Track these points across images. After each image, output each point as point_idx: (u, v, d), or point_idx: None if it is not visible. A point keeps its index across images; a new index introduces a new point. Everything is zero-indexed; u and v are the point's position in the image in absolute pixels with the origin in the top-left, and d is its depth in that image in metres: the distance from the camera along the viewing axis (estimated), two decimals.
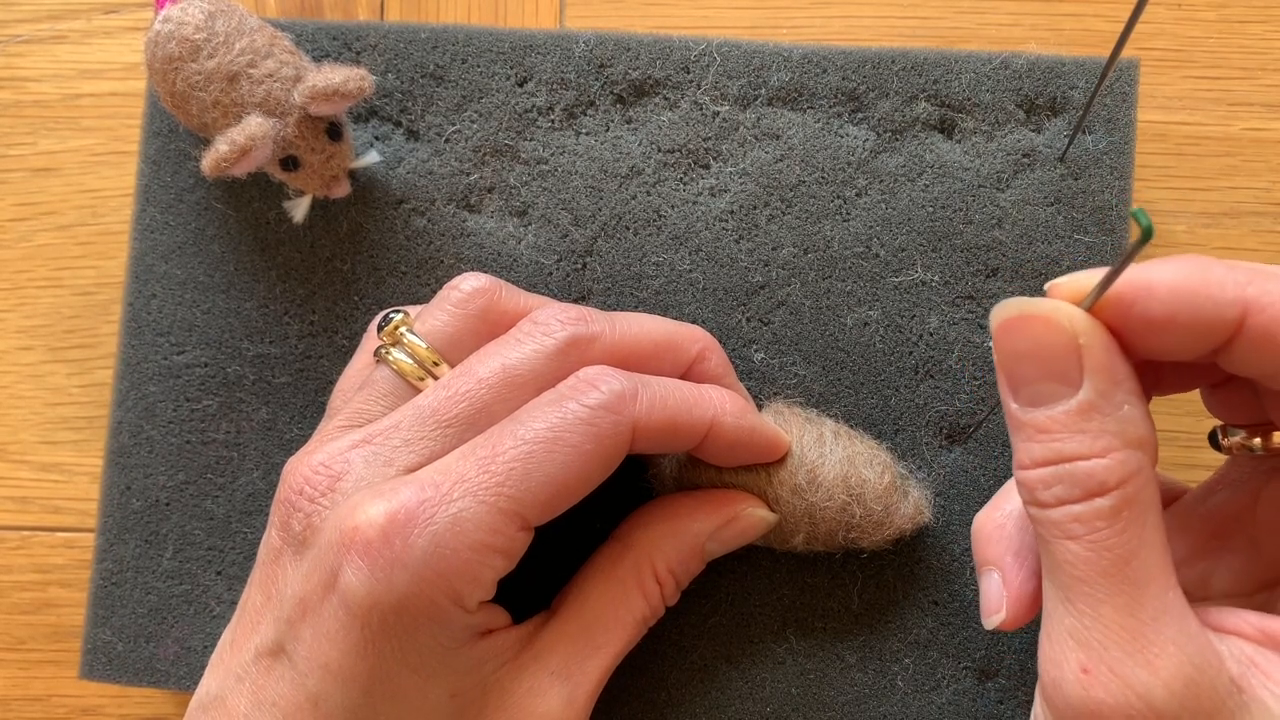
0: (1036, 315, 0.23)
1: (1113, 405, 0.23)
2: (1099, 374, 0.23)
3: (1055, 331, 0.23)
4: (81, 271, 0.40)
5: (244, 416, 0.35)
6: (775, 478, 0.31)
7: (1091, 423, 0.23)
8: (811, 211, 0.35)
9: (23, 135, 0.40)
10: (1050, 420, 0.24)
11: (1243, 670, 0.23)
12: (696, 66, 0.35)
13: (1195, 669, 0.22)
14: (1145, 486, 0.23)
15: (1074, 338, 0.23)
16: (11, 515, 0.39)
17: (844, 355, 0.34)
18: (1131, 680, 0.22)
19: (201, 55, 0.32)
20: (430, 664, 0.27)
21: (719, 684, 0.34)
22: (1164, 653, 0.22)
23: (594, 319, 0.30)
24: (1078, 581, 0.23)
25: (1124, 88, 0.34)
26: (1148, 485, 0.23)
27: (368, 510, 0.26)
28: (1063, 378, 0.23)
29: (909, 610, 0.34)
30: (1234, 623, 0.24)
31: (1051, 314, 0.23)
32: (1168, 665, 0.22)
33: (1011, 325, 0.24)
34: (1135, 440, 0.23)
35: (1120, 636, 0.23)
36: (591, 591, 0.30)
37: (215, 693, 0.28)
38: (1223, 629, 0.24)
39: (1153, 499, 0.23)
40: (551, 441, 0.27)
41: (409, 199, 0.36)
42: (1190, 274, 0.23)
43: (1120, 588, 0.23)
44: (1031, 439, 0.24)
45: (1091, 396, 0.23)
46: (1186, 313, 0.23)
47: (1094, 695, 0.23)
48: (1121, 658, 0.23)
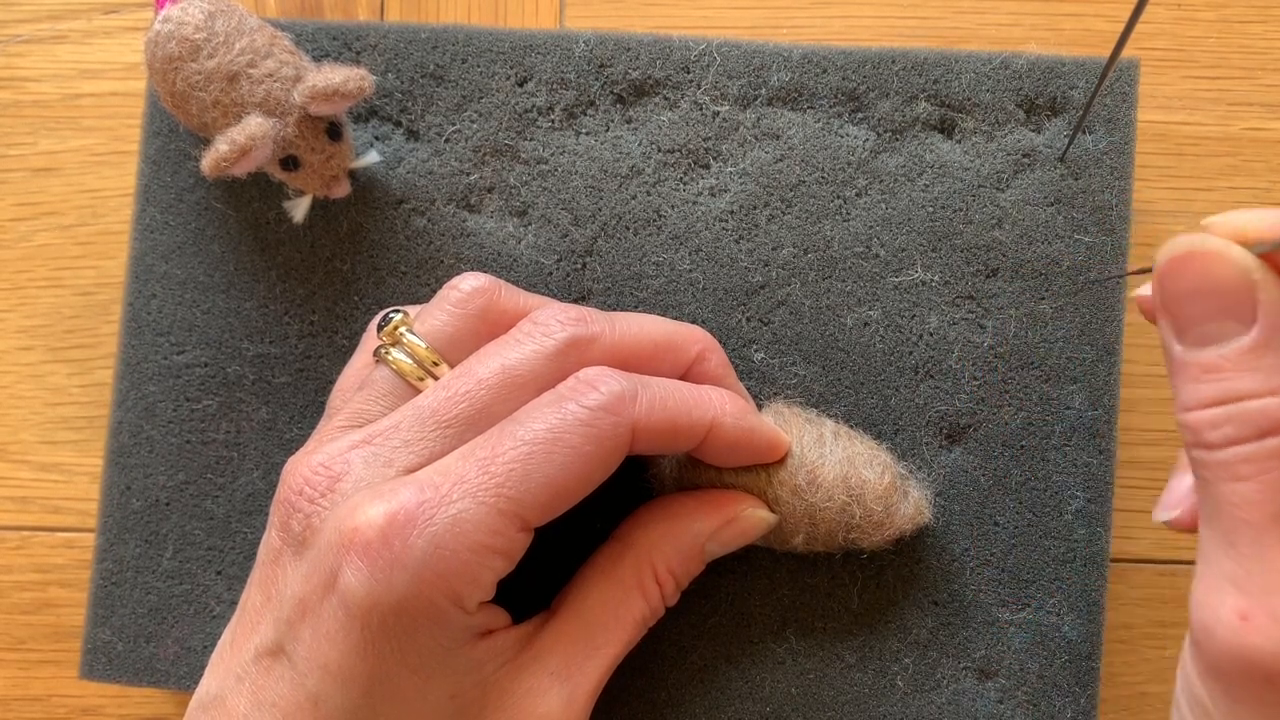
0: (1210, 252, 0.23)
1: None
2: (1274, 310, 0.23)
3: (1229, 267, 0.23)
4: (81, 271, 0.40)
5: (244, 416, 0.35)
6: (775, 478, 0.31)
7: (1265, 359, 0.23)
8: (811, 211, 0.35)
9: (23, 135, 0.40)
10: (1221, 359, 0.23)
11: None
12: (696, 66, 0.35)
13: None
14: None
15: (1248, 273, 0.23)
16: (11, 515, 0.39)
17: (844, 355, 0.34)
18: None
19: (201, 55, 0.32)
20: (430, 664, 0.27)
21: (719, 684, 0.34)
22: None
23: (594, 319, 0.30)
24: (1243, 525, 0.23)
25: (1124, 88, 0.34)
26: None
27: (367, 511, 0.26)
28: (1235, 314, 0.23)
29: (909, 610, 0.34)
30: None
31: (1225, 250, 0.23)
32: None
33: (1181, 262, 0.23)
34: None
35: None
36: (591, 592, 0.30)
37: (215, 693, 0.28)
38: None
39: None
40: (551, 443, 0.27)
41: (409, 199, 0.36)
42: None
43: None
44: (1199, 379, 0.23)
45: (1266, 333, 0.23)
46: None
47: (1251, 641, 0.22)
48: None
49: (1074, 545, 0.34)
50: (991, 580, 0.34)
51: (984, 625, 0.34)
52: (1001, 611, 0.34)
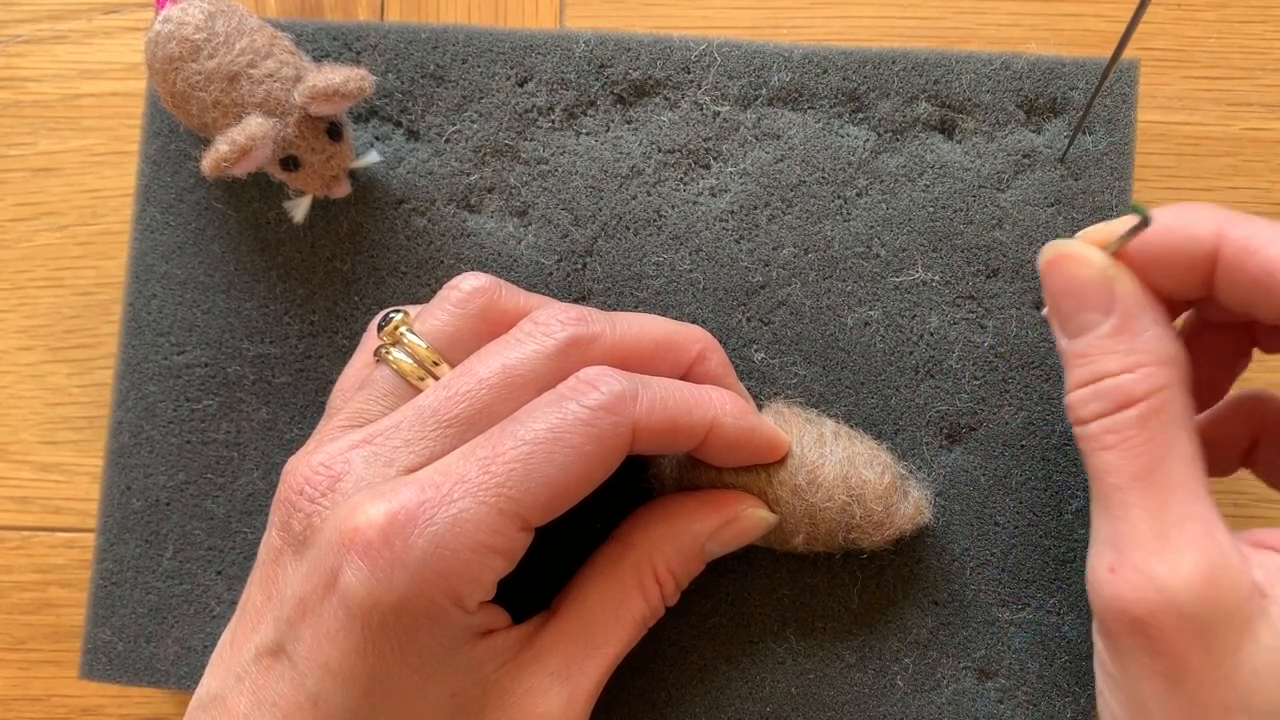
0: (1071, 254, 0.27)
1: (1140, 327, 0.26)
2: (1126, 300, 0.27)
3: (1088, 266, 0.27)
4: (81, 271, 0.40)
5: (244, 416, 0.35)
6: (775, 478, 0.31)
7: (1121, 343, 0.26)
8: (812, 211, 0.35)
9: (23, 135, 0.40)
10: (1089, 345, 0.27)
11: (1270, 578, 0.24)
12: (697, 66, 0.35)
13: (1215, 568, 0.24)
14: (1173, 400, 0.26)
15: (1103, 270, 0.27)
16: (11, 515, 0.39)
17: (844, 355, 0.34)
18: (1153, 575, 0.24)
19: (202, 55, 0.32)
20: (430, 664, 0.27)
21: (719, 684, 0.34)
22: (1185, 553, 0.24)
23: (594, 319, 0.30)
24: (1112, 489, 0.26)
25: (1124, 88, 0.34)
26: (1176, 399, 0.26)
27: (368, 511, 0.26)
28: (1097, 306, 0.27)
29: (909, 610, 0.34)
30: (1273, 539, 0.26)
31: (1083, 251, 0.27)
32: (1187, 564, 0.24)
33: (1054, 263, 0.28)
34: (1161, 358, 0.26)
35: (1145, 536, 0.25)
36: (591, 592, 0.30)
37: (215, 692, 0.28)
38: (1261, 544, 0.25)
39: (1181, 413, 0.26)
40: (551, 442, 0.27)
41: (409, 199, 0.36)
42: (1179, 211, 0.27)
43: (1148, 491, 0.25)
44: (1075, 365, 0.27)
45: (1121, 320, 0.27)
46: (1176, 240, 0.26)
47: (1119, 591, 0.25)
48: (1145, 556, 0.25)
49: (1074, 545, 0.34)
50: (991, 580, 0.34)
51: (984, 625, 0.34)
52: (1001, 611, 0.34)
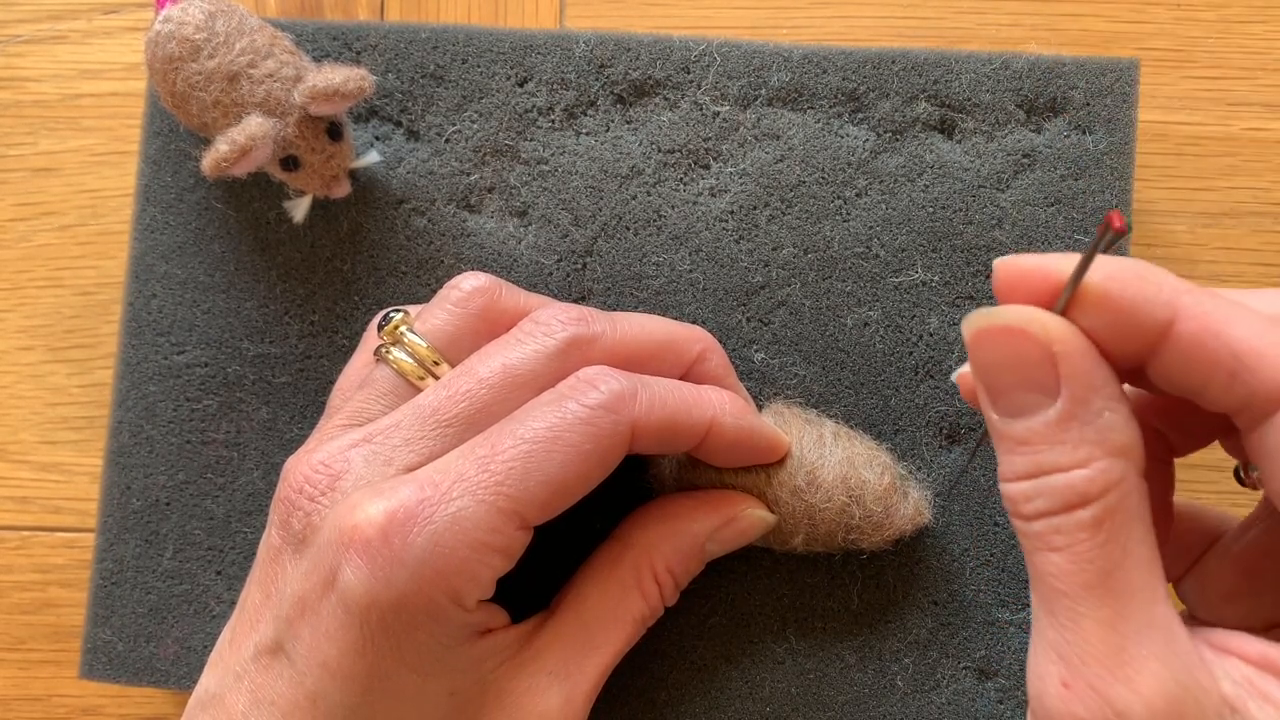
0: (1009, 326, 0.23)
1: (1092, 413, 0.22)
2: (1076, 381, 0.22)
3: (1028, 342, 0.23)
4: (81, 271, 0.40)
5: (244, 416, 0.35)
6: (775, 479, 0.31)
7: (1070, 432, 0.22)
8: (811, 211, 0.35)
9: (23, 135, 0.40)
10: (1029, 432, 0.23)
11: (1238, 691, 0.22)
12: (696, 66, 0.35)
13: (1180, 687, 0.22)
14: (1128, 496, 0.22)
15: (1048, 346, 0.22)
16: (11, 515, 0.39)
17: (844, 355, 0.34)
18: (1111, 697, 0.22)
19: (202, 55, 0.32)
20: (429, 662, 0.27)
21: (719, 684, 0.34)
22: (1146, 669, 0.22)
23: (595, 319, 0.30)
24: (1059, 594, 0.23)
25: (1124, 88, 0.34)
26: (1131, 494, 0.23)
27: (367, 509, 0.26)
28: (1040, 387, 0.23)
29: (909, 610, 0.34)
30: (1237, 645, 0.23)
31: (1024, 324, 0.23)
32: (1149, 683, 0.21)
33: (984, 336, 0.23)
34: (1117, 448, 0.22)
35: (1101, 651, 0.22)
36: (590, 591, 0.30)
37: (214, 690, 0.28)
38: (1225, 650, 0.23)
39: (1138, 509, 0.23)
40: (551, 441, 0.27)
41: (409, 199, 0.36)
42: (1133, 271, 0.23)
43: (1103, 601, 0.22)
44: (1013, 451, 0.23)
45: (1069, 406, 0.22)
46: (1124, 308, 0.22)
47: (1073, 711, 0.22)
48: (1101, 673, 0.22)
49: None
50: (991, 580, 0.34)
51: (984, 625, 0.34)
52: (1001, 611, 0.34)
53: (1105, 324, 0.22)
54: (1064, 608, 0.23)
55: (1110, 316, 0.22)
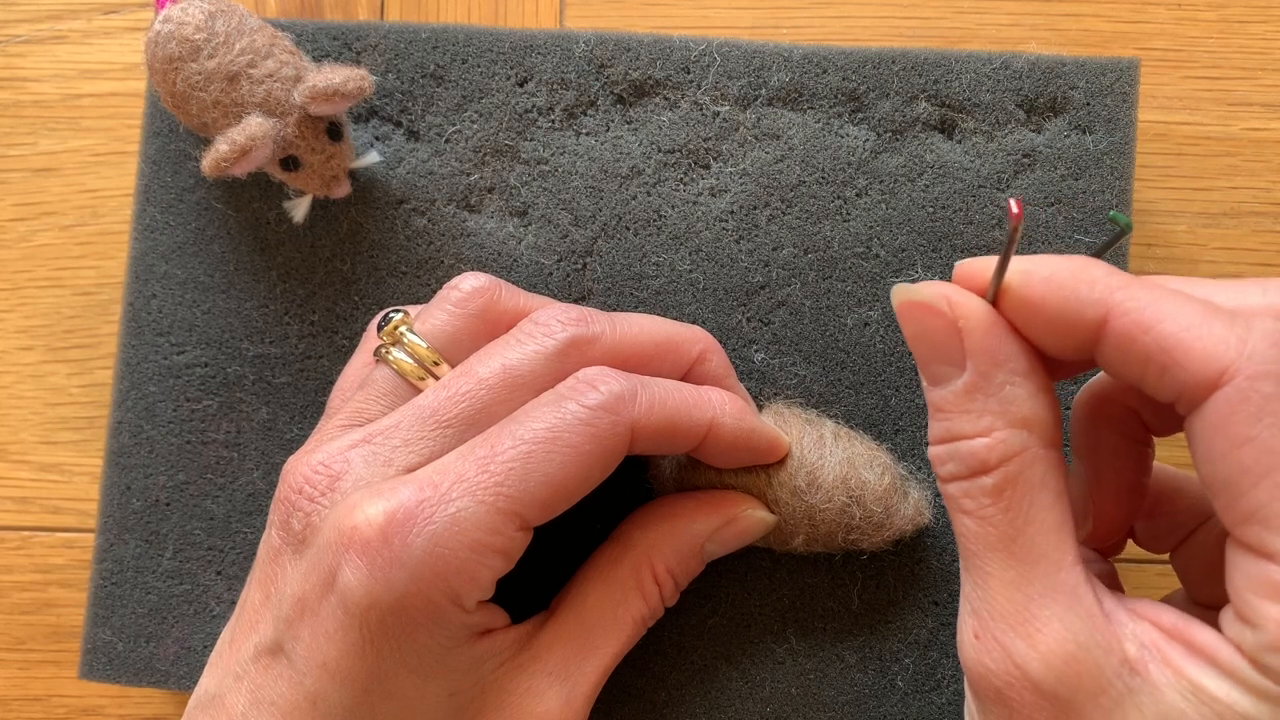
0: (919, 301, 0.25)
1: (994, 386, 0.24)
2: (979, 356, 0.24)
3: (935, 316, 0.25)
4: (81, 271, 0.40)
5: (244, 416, 0.35)
6: (775, 479, 0.31)
7: (975, 403, 0.24)
8: (812, 211, 0.35)
9: (23, 135, 0.40)
10: (943, 399, 0.25)
11: (1142, 654, 0.23)
12: (697, 66, 0.35)
13: (1079, 646, 0.23)
14: (1031, 465, 0.24)
15: (953, 321, 0.24)
16: (11, 515, 0.39)
17: (844, 355, 0.34)
18: (1012, 651, 0.23)
19: (202, 55, 0.32)
20: (428, 663, 0.27)
21: (719, 684, 0.34)
22: (1046, 629, 0.23)
23: (595, 319, 0.30)
24: (970, 554, 0.25)
25: (1124, 88, 0.34)
26: (1035, 464, 0.24)
27: (367, 510, 0.26)
28: (950, 360, 0.25)
29: (909, 610, 0.34)
30: (1153, 613, 0.24)
31: (931, 299, 0.25)
32: (1047, 641, 0.23)
33: (902, 310, 0.25)
34: (1018, 420, 0.24)
35: (1005, 609, 0.24)
36: (590, 592, 0.30)
37: (214, 691, 0.28)
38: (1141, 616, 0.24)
39: (1043, 479, 0.24)
40: (550, 442, 0.27)
41: (409, 199, 0.36)
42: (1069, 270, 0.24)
43: (1006, 563, 0.24)
44: (933, 417, 0.25)
45: (973, 378, 0.24)
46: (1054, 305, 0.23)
47: (982, 660, 0.24)
48: (1005, 629, 0.23)
49: None
50: None
51: None
52: None
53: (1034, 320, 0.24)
54: (975, 567, 0.24)
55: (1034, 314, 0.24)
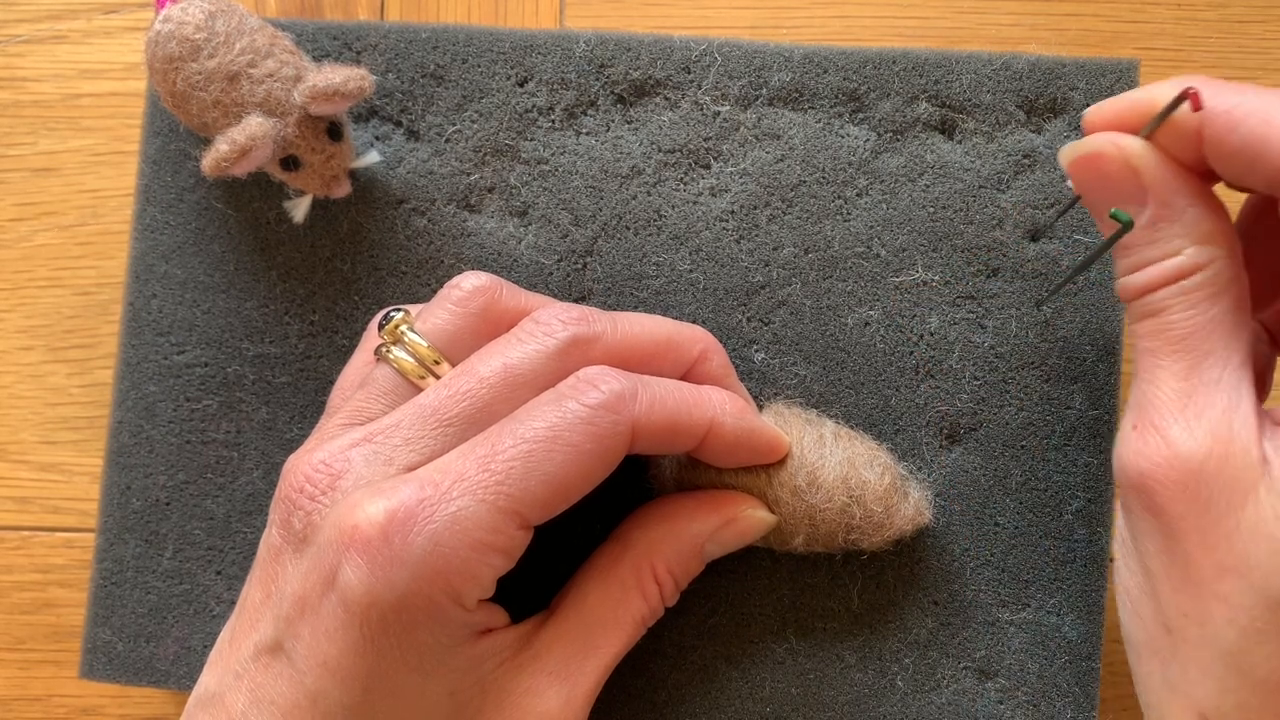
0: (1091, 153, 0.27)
1: (1176, 212, 0.26)
2: (1158, 188, 0.27)
3: (1110, 161, 0.27)
4: (81, 271, 0.40)
5: (244, 416, 0.35)
6: (775, 479, 0.31)
7: (1160, 231, 0.27)
8: (812, 211, 0.35)
9: (23, 135, 0.40)
10: (1129, 237, 0.27)
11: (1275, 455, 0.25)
12: (697, 66, 0.35)
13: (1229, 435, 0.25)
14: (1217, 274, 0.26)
15: (1127, 162, 0.27)
16: (11, 515, 0.39)
17: (844, 355, 0.34)
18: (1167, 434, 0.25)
19: (202, 55, 0.32)
20: (429, 662, 0.27)
21: (719, 684, 0.34)
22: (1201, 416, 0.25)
23: (596, 319, 0.30)
24: (1147, 353, 0.27)
25: (1124, 88, 0.34)
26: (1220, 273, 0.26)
27: (367, 508, 0.26)
28: (1131, 198, 0.27)
29: (909, 610, 0.34)
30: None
31: (1106, 147, 0.27)
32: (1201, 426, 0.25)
33: (1076, 164, 0.28)
34: (1203, 236, 0.26)
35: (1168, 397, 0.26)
36: (590, 592, 0.30)
37: (213, 690, 0.28)
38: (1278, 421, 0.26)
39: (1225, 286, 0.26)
40: (551, 441, 0.27)
41: (409, 199, 0.36)
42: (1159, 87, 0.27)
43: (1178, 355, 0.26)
44: (1120, 255, 0.28)
45: (1157, 209, 0.27)
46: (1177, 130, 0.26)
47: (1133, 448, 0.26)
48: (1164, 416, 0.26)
49: (1074, 545, 0.34)
50: (991, 580, 0.34)
51: (984, 625, 0.34)
52: (1001, 611, 0.34)
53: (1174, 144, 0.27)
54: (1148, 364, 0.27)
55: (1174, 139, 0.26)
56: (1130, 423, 0.27)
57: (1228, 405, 0.25)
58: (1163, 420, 0.26)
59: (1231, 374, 0.26)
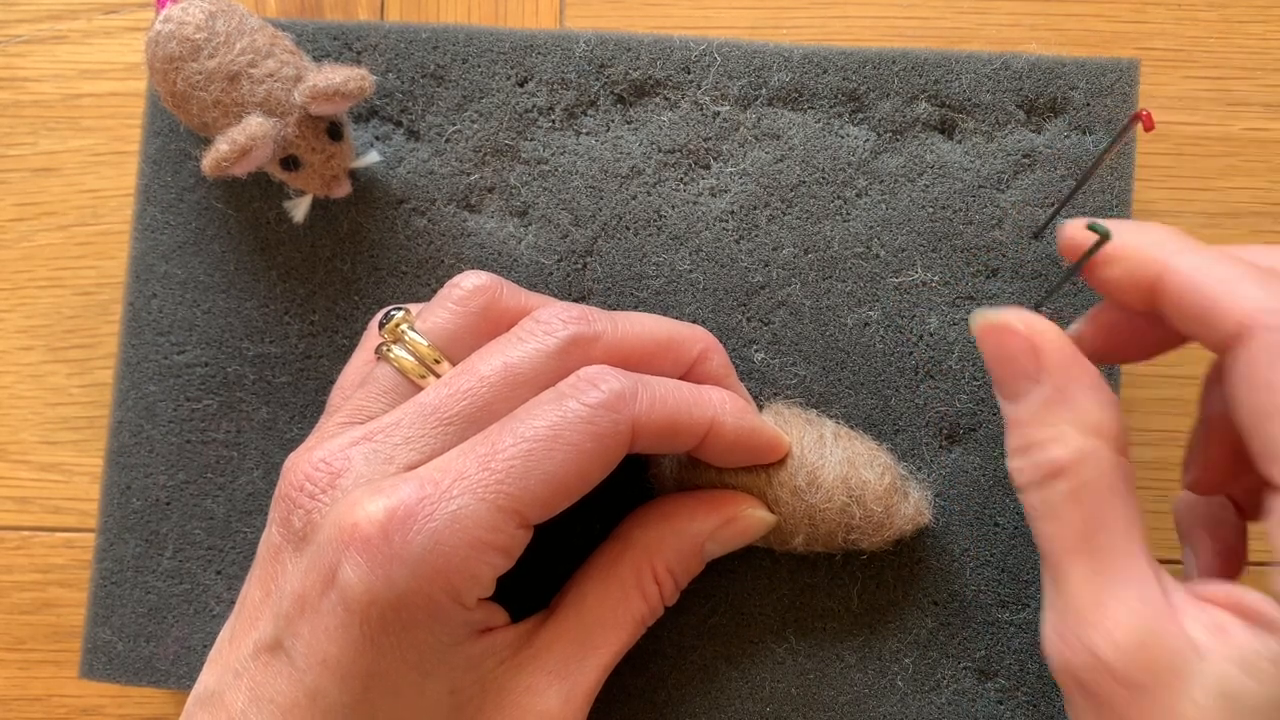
0: (999, 324, 0.28)
1: (1071, 395, 0.26)
2: (1055, 371, 0.27)
3: (1015, 337, 0.27)
4: (81, 271, 0.40)
5: (244, 416, 0.35)
6: (775, 479, 0.31)
7: (1051, 413, 0.27)
8: (812, 211, 0.35)
9: (23, 135, 0.40)
10: (1021, 413, 0.27)
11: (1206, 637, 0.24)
12: (697, 66, 0.35)
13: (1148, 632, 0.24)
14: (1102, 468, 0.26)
15: (1031, 340, 0.27)
16: (11, 515, 0.39)
17: (844, 355, 0.34)
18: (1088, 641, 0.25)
19: (202, 55, 0.32)
20: (428, 661, 0.27)
21: (719, 684, 0.34)
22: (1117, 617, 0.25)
23: (596, 318, 0.30)
24: (1048, 556, 0.26)
25: (1124, 88, 0.34)
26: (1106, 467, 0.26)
27: (367, 507, 0.26)
28: (1027, 375, 0.27)
29: (909, 610, 0.34)
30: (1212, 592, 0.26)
31: (1012, 322, 0.27)
32: (1119, 628, 0.25)
33: (982, 334, 0.28)
34: (1091, 427, 0.26)
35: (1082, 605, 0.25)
36: (590, 591, 0.30)
37: (213, 688, 0.28)
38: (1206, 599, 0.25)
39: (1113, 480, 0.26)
40: (551, 440, 0.27)
41: (409, 199, 0.36)
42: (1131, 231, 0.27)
43: (1081, 560, 0.26)
44: (1010, 431, 0.28)
45: (1050, 391, 0.27)
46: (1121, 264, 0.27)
47: (1063, 655, 0.26)
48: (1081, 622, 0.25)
49: None
50: (991, 580, 0.34)
51: (984, 625, 0.34)
52: (1001, 611, 0.34)
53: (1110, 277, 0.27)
54: (1054, 567, 0.26)
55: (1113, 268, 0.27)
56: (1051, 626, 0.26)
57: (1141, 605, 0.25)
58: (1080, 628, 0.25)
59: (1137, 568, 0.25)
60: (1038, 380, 0.27)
